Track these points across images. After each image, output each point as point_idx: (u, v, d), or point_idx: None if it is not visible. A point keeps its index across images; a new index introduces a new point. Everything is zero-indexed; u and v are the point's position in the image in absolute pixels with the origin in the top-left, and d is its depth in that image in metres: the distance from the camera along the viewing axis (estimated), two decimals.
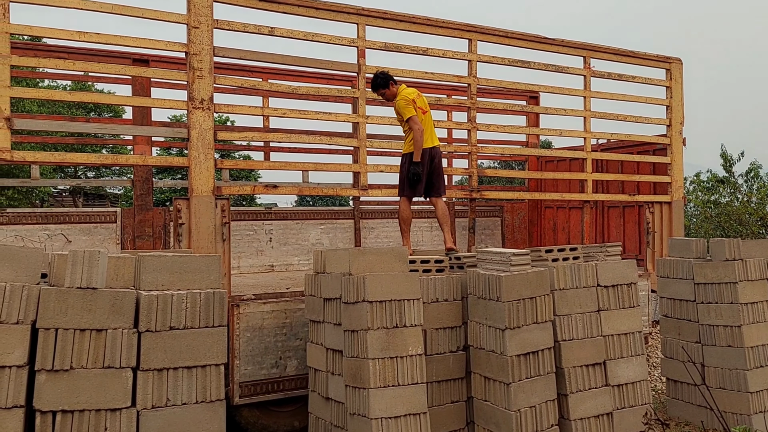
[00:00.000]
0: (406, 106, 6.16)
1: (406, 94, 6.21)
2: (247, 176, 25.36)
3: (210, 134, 5.92)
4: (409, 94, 6.21)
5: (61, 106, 20.21)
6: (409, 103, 6.16)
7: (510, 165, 16.05)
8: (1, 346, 3.35)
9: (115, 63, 7.59)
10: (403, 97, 6.19)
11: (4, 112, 5.10)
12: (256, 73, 8.84)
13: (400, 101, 6.19)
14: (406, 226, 6.34)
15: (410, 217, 6.38)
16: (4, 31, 5.09)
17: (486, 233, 10.30)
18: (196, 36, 5.79)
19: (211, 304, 3.87)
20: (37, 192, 20.76)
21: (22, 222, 7.31)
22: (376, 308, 4.51)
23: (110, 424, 3.51)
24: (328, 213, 9.14)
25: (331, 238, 9.06)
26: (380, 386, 4.45)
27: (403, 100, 6.17)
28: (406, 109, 6.16)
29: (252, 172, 26.12)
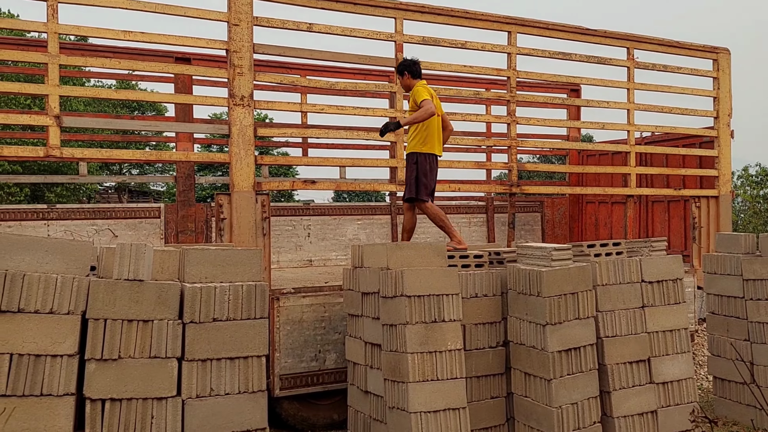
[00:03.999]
0: (425, 92, 5.82)
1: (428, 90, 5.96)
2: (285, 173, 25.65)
3: (250, 131, 5.99)
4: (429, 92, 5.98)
5: (106, 104, 20.76)
6: (428, 92, 5.84)
7: (548, 159, 15.85)
8: (53, 336, 3.46)
9: (157, 61, 7.75)
10: (422, 85, 5.94)
11: (54, 110, 5.26)
12: (294, 69, 8.91)
13: (420, 87, 5.88)
14: (446, 221, 6.02)
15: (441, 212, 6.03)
16: (53, 31, 5.24)
17: (525, 229, 10.19)
18: (236, 33, 5.87)
19: (253, 296, 3.93)
20: (84, 189, 21.35)
21: (71, 217, 7.54)
22: (414, 303, 4.51)
23: (157, 413, 3.60)
24: (365, 209, 9.17)
25: (368, 234, 9.09)
26: (419, 380, 4.46)
27: (423, 87, 5.89)
28: (423, 94, 5.78)
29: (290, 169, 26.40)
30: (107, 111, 20.93)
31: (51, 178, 8.47)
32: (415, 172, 5.95)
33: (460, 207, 9.70)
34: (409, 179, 6.01)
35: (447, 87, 7.77)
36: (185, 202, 8.15)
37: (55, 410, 3.43)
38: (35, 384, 3.41)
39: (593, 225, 10.23)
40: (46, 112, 5.26)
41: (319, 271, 7.98)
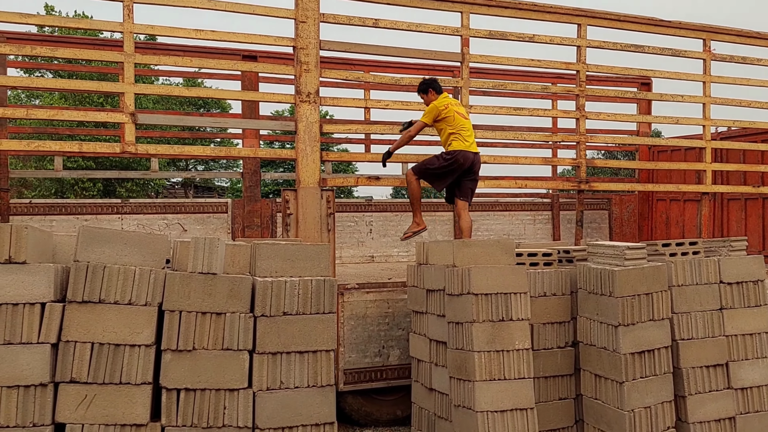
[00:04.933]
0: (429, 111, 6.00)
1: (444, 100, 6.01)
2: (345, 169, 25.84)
3: (316, 127, 6.04)
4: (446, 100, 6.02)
5: (173, 102, 21.41)
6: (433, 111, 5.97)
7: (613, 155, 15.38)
8: (132, 326, 3.58)
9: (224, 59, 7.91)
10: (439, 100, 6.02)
11: (129, 108, 5.44)
12: (357, 65, 8.94)
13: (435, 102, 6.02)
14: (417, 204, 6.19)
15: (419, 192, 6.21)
16: (128, 31, 5.41)
17: (592, 227, 9.92)
18: (303, 30, 5.92)
19: (322, 291, 3.95)
20: (153, 184, 22.10)
21: (143, 212, 7.80)
22: (481, 301, 4.45)
23: (229, 404, 3.67)
24: (427, 205, 9.13)
25: (430, 230, 9.03)
26: (486, 379, 4.40)
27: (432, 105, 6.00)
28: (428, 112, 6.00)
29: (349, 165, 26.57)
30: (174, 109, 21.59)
31: (124, 173, 8.79)
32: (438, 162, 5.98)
33: (524, 204, 9.54)
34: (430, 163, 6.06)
35: (514, 81, 7.63)
36: (251, 198, 8.31)
37: (133, 398, 3.54)
38: (114, 372, 3.53)
39: (664, 223, 9.86)
40: (120, 109, 5.45)
41: (381, 267, 7.99)
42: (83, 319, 3.51)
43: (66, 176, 9.79)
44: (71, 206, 7.63)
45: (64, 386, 3.47)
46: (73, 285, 3.52)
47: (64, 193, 19.28)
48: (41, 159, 17.77)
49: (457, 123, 5.96)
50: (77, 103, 18.24)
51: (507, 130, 8.74)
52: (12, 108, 6.40)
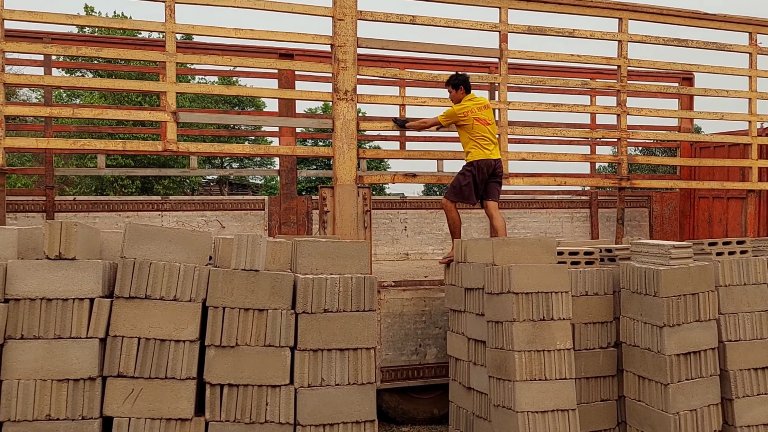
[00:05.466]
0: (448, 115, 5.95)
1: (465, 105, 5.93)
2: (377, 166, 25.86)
3: (353, 125, 6.04)
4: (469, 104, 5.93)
5: (209, 101, 21.69)
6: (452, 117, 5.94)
7: (652, 152, 15.08)
8: (176, 322, 3.63)
9: (261, 58, 7.97)
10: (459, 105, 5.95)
11: (171, 107, 5.51)
12: (393, 62, 8.92)
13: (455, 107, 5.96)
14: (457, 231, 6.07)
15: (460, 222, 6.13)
16: (170, 31, 5.48)
17: (632, 225, 9.74)
18: (341, 28, 5.93)
19: (362, 288, 3.95)
20: (189, 181, 22.43)
21: (183, 209, 7.92)
22: (521, 300, 4.40)
23: (271, 400, 3.70)
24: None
25: (466, 228, 8.97)
26: (526, 379, 4.35)
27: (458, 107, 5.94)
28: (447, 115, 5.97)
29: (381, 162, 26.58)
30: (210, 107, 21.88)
31: (164, 171, 8.96)
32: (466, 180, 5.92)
33: (562, 201, 9.41)
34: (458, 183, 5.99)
35: (553, 78, 7.53)
36: (288, 195, 8.37)
37: (177, 393, 3.59)
38: (160, 367, 3.59)
39: (706, 221, 9.62)
40: (160, 108, 5.53)
41: (417, 265, 7.97)
42: (130, 315, 3.58)
43: (108, 174, 10.00)
44: (113, 203, 7.79)
45: (111, 380, 3.54)
46: (120, 281, 3.59)
47: (104, 190, 19.69)
48: (82, 157, 18.18)
49: (475, 131, 5.91)
50: (116, 101, 18.60)
51: (545, 127, 8.63)
52: (59, 107, 6.56)
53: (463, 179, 5.94)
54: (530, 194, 9.37)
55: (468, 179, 5.91)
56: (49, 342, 3.47)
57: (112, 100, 18.42)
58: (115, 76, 16.18)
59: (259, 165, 26.01)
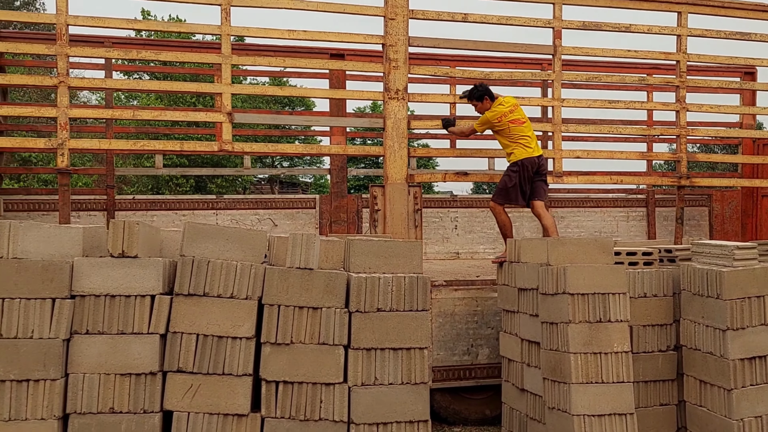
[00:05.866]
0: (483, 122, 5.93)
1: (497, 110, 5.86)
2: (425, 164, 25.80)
3: (404, 124, 6.05)
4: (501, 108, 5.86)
5: (261, 101, 22.03)
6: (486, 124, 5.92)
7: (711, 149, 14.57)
8: (233, 319, 3.70)
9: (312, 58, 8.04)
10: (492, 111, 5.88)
11: (226, 108, 5.62)
12: (443, 60, 8.87)
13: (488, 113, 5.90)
14: (508, 233, 5.98)
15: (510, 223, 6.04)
16: (226, 33, 5.59)
17: (691, 224, 9.43)
18: (392, 27, 5.94)
19: (415, 288, 3.95)
20: (241, 180, 22.86)
21: (236, 207, 8.08)
22: (577, 301, 4.32)
23: (325, 397, 3.73)
24: None
25: (518, 227, 8.86)
26: (582, 382, 4.27)
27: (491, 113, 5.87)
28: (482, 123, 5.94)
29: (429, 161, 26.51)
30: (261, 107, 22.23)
31: (219, 170, 9.13)
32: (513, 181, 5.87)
33: (617, 200, 9.19)
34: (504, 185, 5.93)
35: (608, 74, 7.36)
36: (338, 194, 8.42)
37: (235, 389, 3.66)
38: (218, 363, 3.66)
39: None
40: (215, 109, 5.66)
41: (468, 264, 7.91)
42: (189, 312, 3.67)
43: (165, 173, 10.28)
44: (170, 202, 8.00)
45: (171, 375, 3.63)
46: (180, 278, 3.68)
47: (160, 189, 20.26)
48: (139, 157, 18.73)
49: (513, 133, 5.86)
50: (171, 103, 19.10)
51: (599, 124, 8.44)
52: (120, 109, 6.77)
53: (509, 180, 5.87)
54: (584, 193, 9.18)
55: (514, 180, 5.84)
56: (113, 337, 3.59)
57: (168, 101, 18.93)
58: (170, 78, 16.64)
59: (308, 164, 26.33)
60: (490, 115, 5.86)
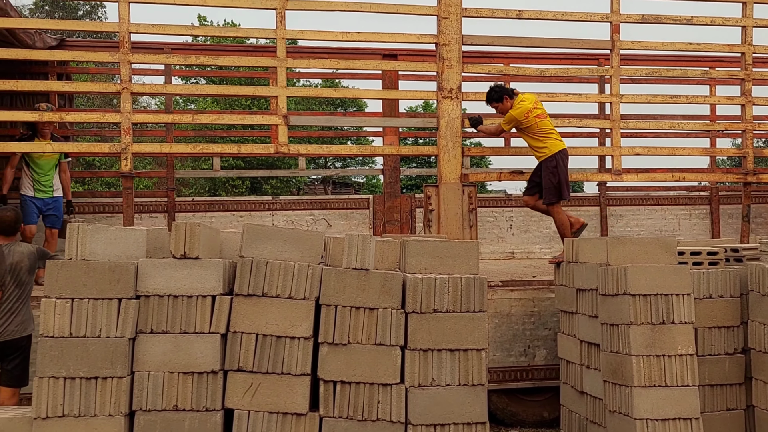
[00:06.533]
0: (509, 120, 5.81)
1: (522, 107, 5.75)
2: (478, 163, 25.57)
3: (458, 123, 6.02)
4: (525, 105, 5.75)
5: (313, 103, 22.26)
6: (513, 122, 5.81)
7: None
8: (291, 319, 3.75)
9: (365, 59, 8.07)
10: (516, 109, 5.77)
11: (282, 110, 5.71)
12: (497, 58, 8.76)
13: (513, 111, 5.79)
14: (568, 233, 5.86)
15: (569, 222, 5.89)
16: (281, 37, 5.68)
17: (757, 222, 9.03)
18: (445, 26, 5.91)
19: (472, 288, 3.91)
20: (295, 181, 23.19)
21: (292, 208, 8.20)
22: (639, 302, 4.20)
23: (382, 398, 3.74)
24: (571, 200, 8.76)
25: None
26: (645, 385, 4.15)
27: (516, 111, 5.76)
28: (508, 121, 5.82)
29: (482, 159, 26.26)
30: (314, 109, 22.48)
31: (275, 172, 9.29)
32: (558, 176, 5.77)
33: (679, 198, 8.90)
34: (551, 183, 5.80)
35: (669, 68, 7.13)
36: (391, 194, 8.44)
37: (293, 388, 3.70)
38: (276, 363, 3.71)
39: None
40: (271, 112, 5.75)
41: (524, 264, 7.80)
42: (248, 312, 3.73)
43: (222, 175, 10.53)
44: (228, 203, 8.19)
45: (232, 374, 3.70)
46: (239, 279, 3.75)
47: (217, 191, 20.73)
48: (196, 159, 19.23)
49: (541, 128, 5.78)
50: (227, 106, 19.51)
51: (660, 120, 8.18)
52: (180, 114, 6.97)
53: (553, 178, 5.79)
54: (644, 190, 8.93)
55: (558, 175, 5.77)
56: (176, 336, 3.68)
57: (224, 105, 19.35)
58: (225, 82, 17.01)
59: (360, 164, 26.47)
60: (516, 112, 5.77)
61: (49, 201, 6.41)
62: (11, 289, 4.35)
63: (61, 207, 6.55)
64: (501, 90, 5.88)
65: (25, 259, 4.40)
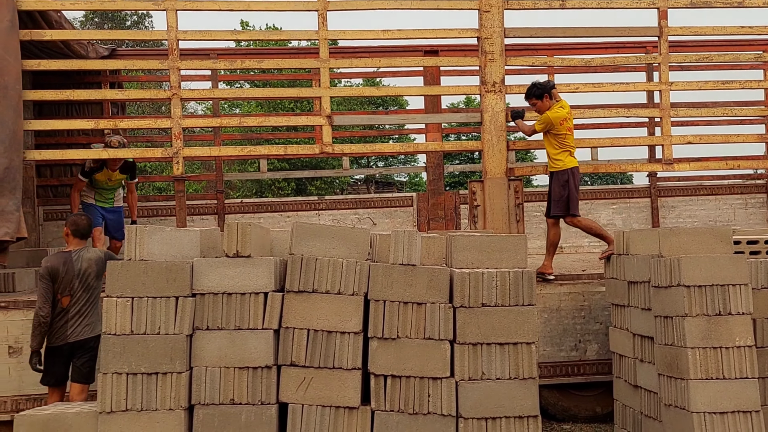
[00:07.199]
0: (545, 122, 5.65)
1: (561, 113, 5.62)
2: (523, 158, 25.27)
3: (502, 117, 5.98)
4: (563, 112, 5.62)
5: (355, 102, 22.41)
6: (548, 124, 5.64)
7: None
8: (341, 315, 3.81)
9: (406, 56, 8.09)
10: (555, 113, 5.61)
11: (326, 111, 5.78)
12: (540, 50, 8.67)
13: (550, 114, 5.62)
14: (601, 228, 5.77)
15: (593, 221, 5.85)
16: (324, 38, 5.75)
17: None
18: (487, 20, 5.89)
19: (520, 282, 3.90)
20: (338, 182, 23.37)
21: (337, 207, 8.30)
22: (694, 293, 4.11)
23: (432, 392, 3.77)
24: (621, 192, 8.62)
25: (624, 219, 8.54)
26: (701, 378, 4.06)
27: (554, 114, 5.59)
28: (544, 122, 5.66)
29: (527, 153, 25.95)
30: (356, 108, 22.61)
31: (319, 172, 9.41)
32: (567, 190, 5.68)
33: (733, 186, 8.63)
34: (560, 196, 5.71)
35: (720, 53, 6.93)
36: (435, 191, 8.44)
37: (345, 382, 3.77)
38: (328, 357, 3.78)
39: None
40: (315, 113, 5.83)
41: (572, 259, 7.70)
42: (299, 307, 3.81)
43: (269, 177, 10.72)
44: (275, 204, 8.34)
45: (285, 368, 3.79)
46: (290, 276, 3.83)
47: (263, 193, 21.07)
48: (243, 162, 19.58)
49: (567, 140, 5.68)
50: (271, 109, 19.80)
51: (712, 107, 7.95)
52: (227, 117, 7.13)
53: (563, 191, 5.71)
54: (697, 180, 8.69)
55: (567, 190, 5.68)
56: (230, 333, 3.78)
57: (268, 107, 19.66)
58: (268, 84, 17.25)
59: (402, 163, 26.50)
60: (554, 116, 5.61)
61: (109, 209, 6.55)
62: (79, 293, 4.55)
63: (122, 218, 6.65)
64: (544, 88, 5.73)
65: (93, 265, 4.59)
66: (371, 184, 28.71)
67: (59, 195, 8.28)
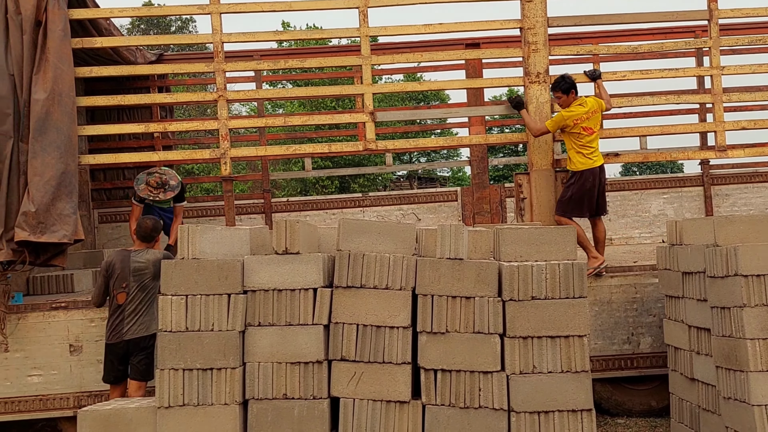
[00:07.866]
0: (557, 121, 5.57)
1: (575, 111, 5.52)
2: None
3: (547, 107, 5.91)
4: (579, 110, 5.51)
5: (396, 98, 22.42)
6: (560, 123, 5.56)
7: None
8: (390, 309, 3.83)
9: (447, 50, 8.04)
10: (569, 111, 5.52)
11: (368, 108, 5.81)
12: (586, 39, 8.50)
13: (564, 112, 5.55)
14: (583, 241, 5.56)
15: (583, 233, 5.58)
16: (365, 35, 5.77)
17: None
18: (529, 9, 5.81)
19: (570, 275, 3.85)
20: (381, 178, 23.42)
21: (381, 204, 8.33)
22: (752, 283, 3.98)
23: (483, 386, 3.75)
24: (672, 181, 8.39)
25: (676, 208, 8.32)
26: (762, 370, 3.94)
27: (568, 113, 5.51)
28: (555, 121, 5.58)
29: None
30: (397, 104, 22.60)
31: (363, 169, 9.45)
32: (570, 192, 5.64)
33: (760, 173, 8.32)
34: (562, 196, 5.70)
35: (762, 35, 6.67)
36: (480, 185, 8.38)
37: (395, 376, 3.79)
38: (377, 352, 3.81)
39: None
40: (357, 110, 5.85)
41: (623, 250, 7.54)
42: (348, 303, 3.85)
43: (314, 175, 10.83)
44: (320, 202, 8.42)
45: (336, 363, 3.83)
46: (338, 272, 3.87)
47: (307, 191, 21.28)
48: (287, 161, 19.82)
49: (581, 140, 5.56)
50: (313, 108, 19.97)
51: (765, 90, 7.66)
52: (272, 117, 7.24)
53: (568, 190, 5.65)
54: (752, 167, 8.40)
55: (574, 190, 5.61)
56: (282, 328, 3.85)
57: (310, 106, 19.83)
58: (310, 83, 17.41)
59: (446, 157, 26.36)
60: (567, 114, 5.55)
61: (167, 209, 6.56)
62: (134, 292, 4.70)
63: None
64: (572, 83, 5.63)
65: (150, 265, 4.73)
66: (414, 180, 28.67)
67: (113, 198, 8.54)
